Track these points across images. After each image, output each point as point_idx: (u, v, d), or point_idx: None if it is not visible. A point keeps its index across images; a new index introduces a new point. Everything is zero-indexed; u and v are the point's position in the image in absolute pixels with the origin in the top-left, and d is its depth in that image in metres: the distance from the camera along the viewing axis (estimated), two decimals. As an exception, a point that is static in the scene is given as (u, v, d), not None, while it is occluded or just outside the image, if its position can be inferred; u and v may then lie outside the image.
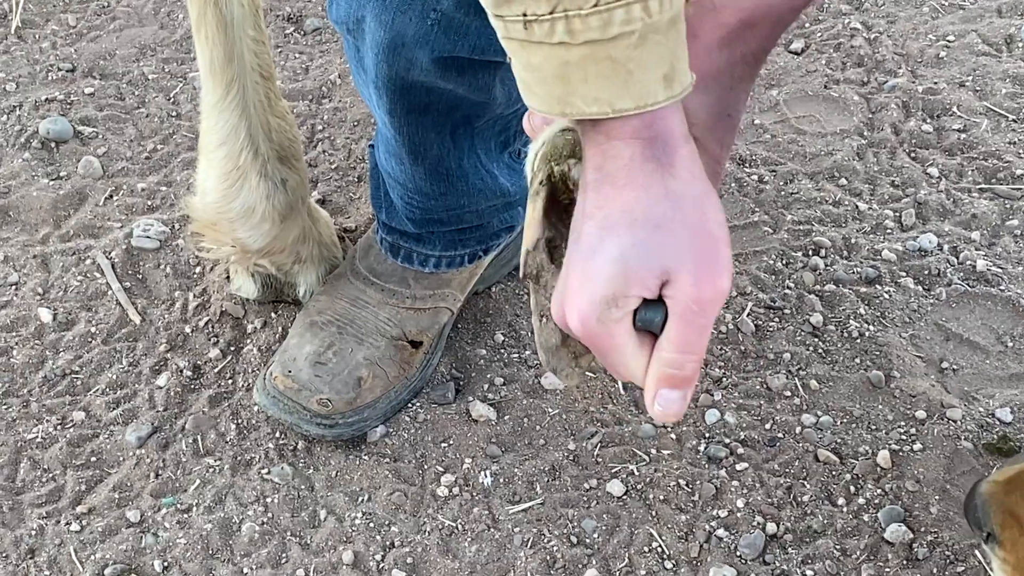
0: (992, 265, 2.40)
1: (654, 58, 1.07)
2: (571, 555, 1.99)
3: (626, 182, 1.13)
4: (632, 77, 1.06)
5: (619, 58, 1.05)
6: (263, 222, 2.11)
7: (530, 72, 1.10)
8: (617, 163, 1.13)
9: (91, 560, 1.98)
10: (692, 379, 1.22)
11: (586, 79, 1.06)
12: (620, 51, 1.05)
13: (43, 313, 2.31)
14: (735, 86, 1.36)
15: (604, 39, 1.05)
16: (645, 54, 1.06)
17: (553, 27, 1.04)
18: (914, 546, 1.98)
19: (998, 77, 2.82)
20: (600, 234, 1.16)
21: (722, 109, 1.36)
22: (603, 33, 1.04)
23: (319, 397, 2.08)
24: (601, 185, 1.15)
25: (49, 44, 2.91)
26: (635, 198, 1.14)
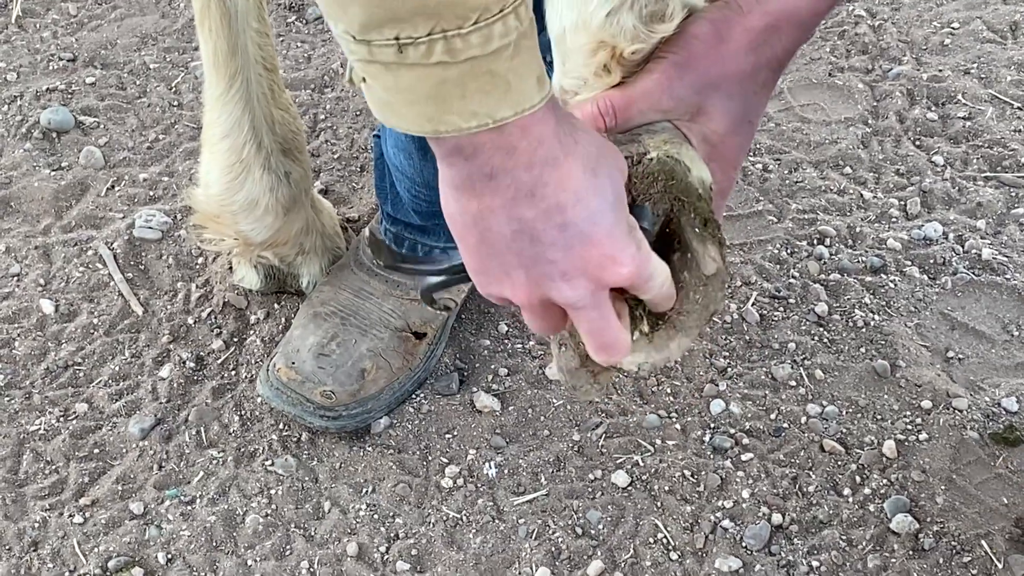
0: (997, 254, 2.39)
1: (528, 63, 1.05)
2: (576, 546, 1.98)
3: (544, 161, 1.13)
4: (511, 87, 1.04)
5: (499, 71, 1.03)
6: (266, 215, 2.10)
7: (397, 94, 1.06)
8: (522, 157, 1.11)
9: (94, 552, 1.98)
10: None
11: (464, 95, 1.04)
12: (500, 64, 1.03)
13: (45, 304, 2.31)
14: (758, 92, 1.35)
15: (485, 54, 1.02)
16: (521, 62, 1.05)
17: (431, 48, 1.01)
18: (920, 536, 1.98)
19: (1003, 64, 2.81)
20: (579, 206, 1.15)
21: (744, 115, 1.35)
22: (484, 49, 1.02)
23: (323, 389, 2.07)
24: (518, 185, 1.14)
25: (50, 34, 2.91)
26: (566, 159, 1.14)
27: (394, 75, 1.04)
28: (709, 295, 1.32)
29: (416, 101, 1.05)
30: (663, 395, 2.18)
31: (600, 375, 1.41)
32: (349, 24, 1.02)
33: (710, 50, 1.31)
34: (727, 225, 2.46)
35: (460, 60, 1.01)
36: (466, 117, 1.04)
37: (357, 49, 1.04)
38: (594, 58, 1.33)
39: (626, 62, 1.32)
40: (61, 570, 1.96)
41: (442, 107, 1.04)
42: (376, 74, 1.05)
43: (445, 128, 1.05)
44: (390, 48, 1.01)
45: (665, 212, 1.30)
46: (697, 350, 2.23)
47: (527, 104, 1.05)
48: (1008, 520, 2.00)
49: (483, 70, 1.02)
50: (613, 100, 1.31)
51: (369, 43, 1.02)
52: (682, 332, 1.34)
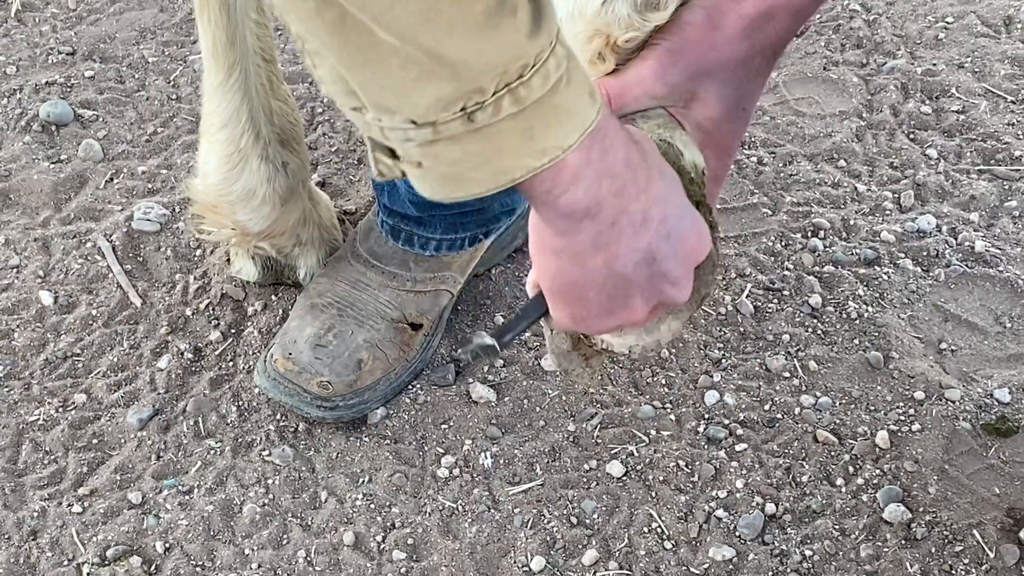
0: (991, 246, 2.40)
1: (579, 83, 1.05)
2: (571, 536, 2.00)
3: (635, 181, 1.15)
4: (571, 111, 1.04)
5: (560, 102, 1.02)
6: (264, 205, 2.11)
7: (464, 163, 1.03)
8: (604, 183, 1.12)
9: (93, 541, 1.99)
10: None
11: (532, 136, 1.02)
12: (560, 96, 1.02)
13: (44, 296, 2.32)
14: (752, 79, 1.36)
15: (546, 92, 1.01)
16: (575, 86, 1.04)
17: (499, 105, 0.99)
18: (912, 526, 1.99)
19: (997, 58, 2.82)
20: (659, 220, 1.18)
21: (738, 102, 1.36)
22: (545, 87, 1.01)
23: (319, 379, 2.08)
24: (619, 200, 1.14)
25: (49, 27, 2.92)
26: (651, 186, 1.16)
27: (461, 145, 1.01)
28: (701, 278, 1.34)
29: (487, 161, 1.03)
30: (658, 386, 2.19)
31: (592, 359, 1.43)
32: (413, 111, 0.99)
33: (703, 37, 1.32)
34: (722, 217, 2.47)
35: (527, 106, 1.00)
36: (536, 156, 1.03)
37: (418, 134, 1.01)
38: (589, 46, 1.34)
39: (620, 50, 1.34)
40: (60, 559, 1.97)
41: (514, 155, 1.03)
42: (439, 152, 1.02)
43: (520, 174, 1.03)
44: (457, 121, 0.99)
45: None
46: (692, 341, 2.24)
47: (588, 122, 1.04)
48: (1000, 510, 2.01)
49: (547, 107, 1.01)
50: (607, 87, 1.33)
51: (435, 124, 0.99)
52: (673, 315, 1.36)
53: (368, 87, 1.00)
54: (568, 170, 1.06)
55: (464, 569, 1.96)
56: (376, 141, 1.06)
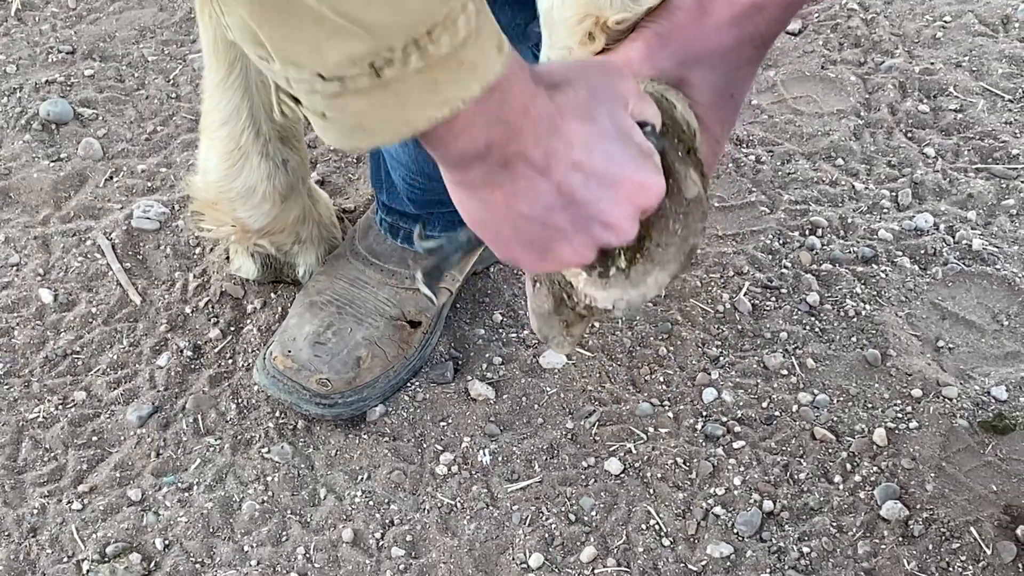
0: (988, 244, 2.41)
1: (487, 37, 1.04)
2: (569, 532, 2.00)
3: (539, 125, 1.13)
4: (476, 66, 1.03)
5: (467, 57, 1.02)
6: (264, 202, 2.12)
7: (369, 114, 1.03)
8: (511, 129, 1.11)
9: (92, 538, 1.99)
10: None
11: (436, 89, 1.02)
12: (467, 51, 1.02)
13: (44, 294, 2.32)
14: (742, 67, 1.36)
15: (455, 48, 1.01)
16: (484, 40, 1.03)
17: (406, 61, 0.99)
18: (910, 523, 2.00)
19: (995, 57, 2.83)
20: (583, 160, 1.17)
21: (726, 88, 1.37)
22: (453, 44, 1.00)
23: (318, 377, 2.09)
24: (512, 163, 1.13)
25: (49, 26, 2.92)
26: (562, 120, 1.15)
27: (367, 98, 1.01)
28: (689, 225, 1.32)
29: (391, 113, 1.03)
30: (656, 383, 2.19)
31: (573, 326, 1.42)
32: (320, 66, 1.00)
33: (693, 23, 1.32)
34: (720, 215, 2.48)
35: (433, 62, 1.00)
36: (438, 107, 1.03)
37: (325, 87, 1.01)
38: (579, 27, 1.34)
39: (611, 31, 1.34)
40: (59, 556, 1.98)
41: (417, 107, 1.03)
42: (345, 104, 1.02)
43: (422, 124, 1.04)
44: (365, 76, 0.99)
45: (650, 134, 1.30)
46: (689, 339, 2.25)
47: (490, 75, 1.04)
48: (997, 507, 2.02)
49: (453, 62, 1.01)
50: None
51: (342, 78, 1.00)
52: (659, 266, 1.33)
53: (278, 42, 1.00)
54: (460, 118, 1.06)
55: (463, 566, 1.97)
56: (281, 88, 1.07)
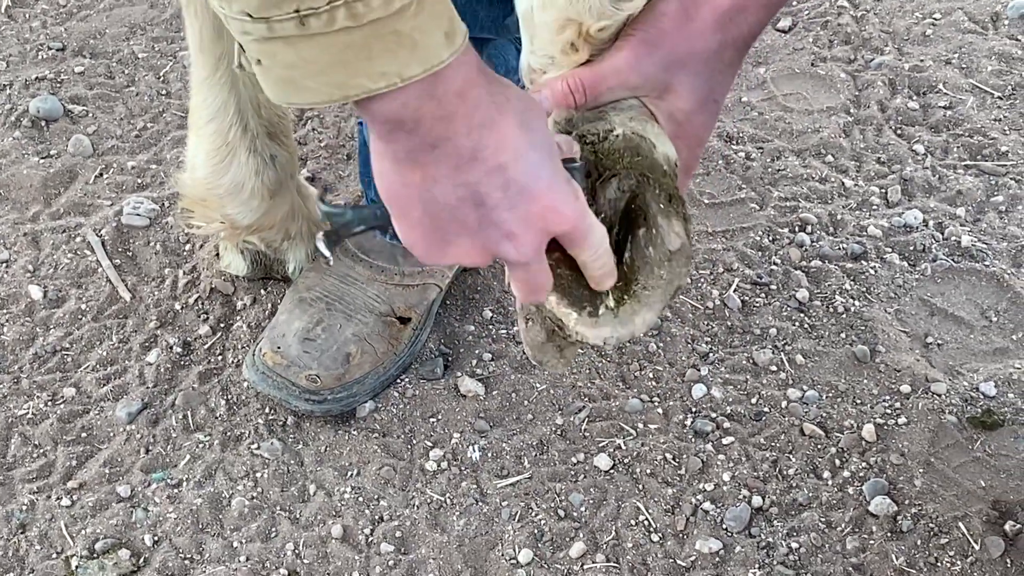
0: (977, 241, 2.41)
1: (434, 20, 1.04)
2: (558, 528, 2.00)
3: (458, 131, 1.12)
4: (417, 44, 1.03)
5: (403, 29, 1.02)
6: (252, 198, 2.12)
7: (299, 68, 1.04)
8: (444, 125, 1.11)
9: (82, 535, 1.99)
10: None
11: (370, 57, 1.02)
12: (404, 22, 1.02)
13: (33, 290, 2.32)
14: (724, 70, 1.37)
15: (388, 15, 1.01)
16: (426, 19, 1.03)
17: (333, 16, 0.99)
18: (898, 518, 2.00)
19: (984, 54, 2.83)
20: (514, 169, 1.16)
21: (709, 92, 1.37)
22: (386, 9, 1.01)
23: (308, 373, 2.09)
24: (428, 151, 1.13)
25: (39, 23, 2.92)
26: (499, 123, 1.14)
27: (295, 49, 1.02)
28: (674, 270, 1.34)
29: (321, 71, 1.04)
30: (645, 379, 2.20)
31: (566, 350, 1.44)
32: (246, 2, 1.00)
33: (678, 28, 1.33)
34: (709, 212, 2.48)
35: (363, 24, 1.00)
36: (374, 78, 1.03)
37: (254, 28, 1.02)
38: (561, 35, 1.34)
39: (593, 40, 1.34)
40: (48, 552, 1.98)
41: (349, 72, 1.03)
42: (275, 51, 1.03)
43: (354, 92, 1.04)
44: (290, 21, 1.00)
45: (631, 188, 1.32)
46: (679, 335, 2.25)
47: (435, 60, 1.04)
48: (985, 503, 2.02)
49: (387, 30, 1.01)
50: (582, 78, 1.33)
51: (268, 20, 1.01)
52: (647, 307, 1.36)
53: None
54: (394, 90, 1.06)
55: (452, 562, 1.97)
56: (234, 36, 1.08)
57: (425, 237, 1.21)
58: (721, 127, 2.65)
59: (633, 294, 1.35)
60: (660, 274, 1.34)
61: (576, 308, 1.35)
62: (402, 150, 1.13)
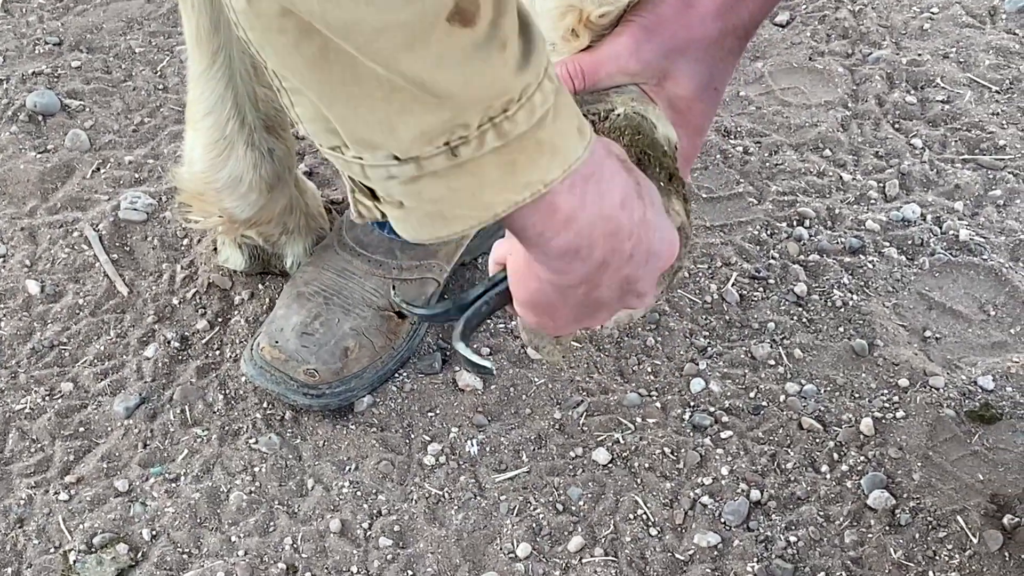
0: (975, 235, 2.41)
1: (567, 119, 1.04)
2: (557, 523, 2.00)
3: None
4: (557, 148, 1.02)
5: (544, 137, 1.01)
6: (250, 192, 2.11)
7: (448, 200, 1.01)
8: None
9: (80, 529, 1.99)
10: None
11: (515, 171, 1.01)
12: (545, 131, 1.01)
13: (31, 285, 2.32)
14: (724, 58, 1.37)
15: (531, 127, 0.99)
16: (561, 121, 1.03)
17: (483, 140, 0.97)
18: (897, 512, 2.00)
19: (981, 49, 2.83)
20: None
21: (709, 80, 1.37)
22: (530, 122, 0.99)
23: (306, 367, 2.09)
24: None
25: (36, 18, 2.91)
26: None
27: (445, 180, 0.99)
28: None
29: (471, 196, 1.01)
30: (643, 374, 2.19)
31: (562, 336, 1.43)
32: (395, 145, 0.97)
33: (678, 15, 1.32)
34: (707, 206, 2.48)
35: (510, 140, 0.99)
36: (518, 190, 1.01)
37: (401, 171, 0.99)
38: (562, 22, 1.34)
39: (594, 25, 1.34)
40: (47, 546, 1.98)
41: (495, 191, 1.01)
42: (422, 189, 1.00)
43: (501, 209, 1.02)
44: (441, 155, 0.97)
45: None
46: (677, 329, 2.25)
47: (572, 158, 1.04)
48: (983, 496, 2.02)
49: (531, 142, 1.00)
50: (582, 63, 1.33)
51: (418, 159, 0.97)
52: None
53: (349, 122, 0.98)
54: (561, 213, 1.05)
55: (450, 556, 1.97)
56: (356, 181, 1.04)
57: (567, 323, 1.24)
58: (719, 121, 2.65)
59: None
60: None
61: None
62: (576, 279, 1.14)
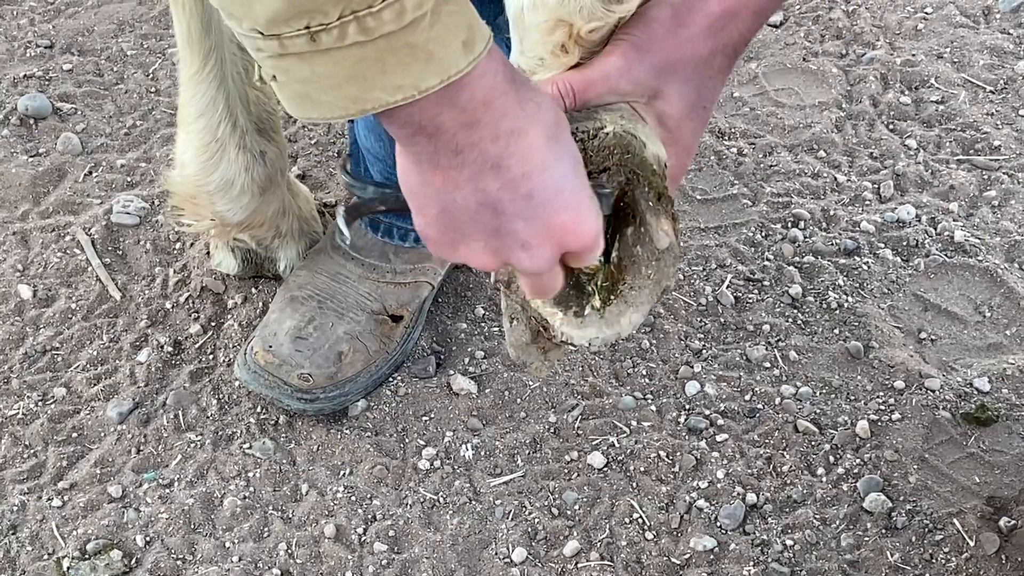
0: (970, 236, 2.41)
1: (451, 30, 1.03)
2: (552, 526, 2.00)
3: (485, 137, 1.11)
4: (433, 55, 1.02)
5: (417, 42, 1.01)
6: (242, 195, 2.11)
7: (313, 83, 1.03)
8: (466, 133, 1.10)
9: (73, 535, 1.98)
10: None
11: (384, 71, 1.01)
12: (417, 35, 1.01)
13: (23, 290, 2.31)
14: (714, 76, 1.36)
15: (400, 28, 1.00)
16: (442, 30, 1.02)
17: (344, 31, 0.98)
18: (893, 515, 2.00)
19: (976, 48, 2.83)
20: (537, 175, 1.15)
21: (698, 99, 1.36)
22: (398, 23, 0.99)
23: (300, 372, 2.08)
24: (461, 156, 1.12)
25: (27, 20, 2.90)
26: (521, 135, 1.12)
27: (309, 64, 1.02)
28: (662, 270, 1.33)
29: (336, 85, 1.03)
30: (639, 377, 2.19)
31: (550, 352, 1.43)
32: (255, 20, 1.00)
33: (669, 34, 1.32)
34: (702, 208, 2.47)
35: (375, 37, 0.99)
36: (391, 91, 1.03)
37: (266, 46, 1.02)
38: (551, 37, 1.33)
39: (584, 42, 1.33)
40: (40, 553, 1.97)
41: (364, 86, 1.03)
42: (289, 67, 1.03)
43: (371, 106, 1.03)
44: (301, 38, 0.99)
45: (620, 185, 1.32)
46: (672, 332, 2.25)
47: (452, 70, 1.03)
48: (980, 498, 2.02)
49: (400, 44, 1.01)
50: (572, 82, 1.32)
51: (279, 37, 1.00)
52: (633, 307, 1.35)
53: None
54: (430, 113, 1.06)
55: (446, 561, 1.96)
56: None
57: (440, 234, 1.20)
58: (713, 123, 2.64)
59: (620, 294, 1.34)
60: (648, 273, 1.33)
61: (561, 308, 1.35)
62: (423, 153, 1.12)
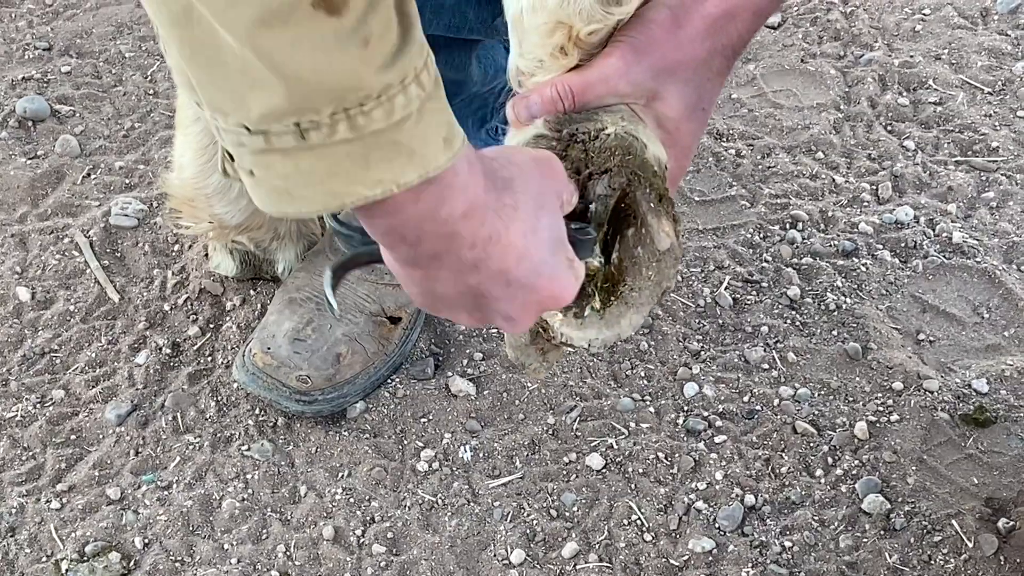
0: (968, 237, 2.41)
1: (433, 127, 1.02)
2: (551, 528, 2.00)
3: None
4: (415, 152, 1.01)
5: (402, 140, 1.00)
6: (240, 197, 2.10)
7: (295, 178, 1.01)
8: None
9: (72, 538, 1.98)
10: None
11: (367, 166, 1.00)
12: (404, 133, 1.00)
13: (21, 292, 2.31)
14: (713, 78, 1.37)
15: (388, 127, 0.99)
16: (425, 127, 1.01)
17: (334, 129, 0.97)
18: (891, 516, 2.00)
19: (974, 50, 2.83)
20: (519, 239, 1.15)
21: (697, 101, 1.37)
22: (387, 121, 0.98)
23: (298, 373, 2.08)
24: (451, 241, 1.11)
25: (25, 23, 2.90)
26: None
27: (294, 160, 0.99)
28: (662, 271, 1.34)
29: (319, 181, 1.01)
30: (637, 378, 2.19)
31: (549, 353, 1.43)
32: (246, 116, 0.98)
33: (668, 35, 1.32)
34: (700, 209, 2.47)
35: (364, 135, 0.98)
36: (370, 185, 1.01)
37: (250, 141, 0.99)
38: (551, 39, 1.34)
39: (583, 44, 1.33)
40: (38, 555, 1.97)
41: (345, 180, 1.01)
42: (272, 163, 1.00)
43: (351, 200, 1.02)
44: (290, 135, 0.97)
45: (621, 186, 1.32)
46: (670, 334, 2.25)
47: (431, 166, 1.02)
48: (978, 500, 2.02)
49: (387, 141, 0.99)
50: (571, 83, 1.32)
51: (266, 133, 0.98)
52: (634, 309, 1.36)
53: (205, 85, 0.98)
54: (392, 202, 1.04)
55: (444, 563, 1.96)
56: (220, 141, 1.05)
57: (424, 303, 1.22)
58: (711, 124, 2.64)
59: (620, 295, 1.34)
60: (648, 275, 1.34)
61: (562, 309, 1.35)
62: (403, 256, 1.13)
